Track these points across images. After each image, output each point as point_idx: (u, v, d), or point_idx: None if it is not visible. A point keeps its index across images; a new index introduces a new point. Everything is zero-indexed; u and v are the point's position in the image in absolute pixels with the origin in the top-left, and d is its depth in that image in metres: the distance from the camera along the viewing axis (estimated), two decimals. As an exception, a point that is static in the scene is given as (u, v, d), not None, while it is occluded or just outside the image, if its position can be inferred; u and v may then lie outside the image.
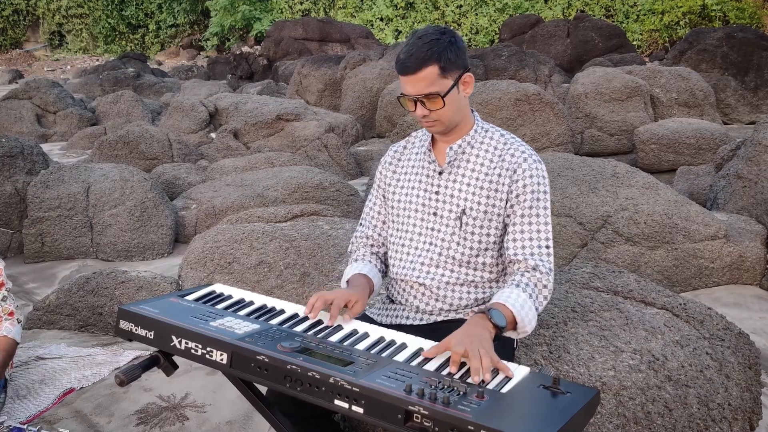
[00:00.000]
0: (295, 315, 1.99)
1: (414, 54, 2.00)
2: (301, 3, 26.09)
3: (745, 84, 10.95)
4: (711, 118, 9.10)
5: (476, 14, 23.23)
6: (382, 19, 24.34)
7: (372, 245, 2.35)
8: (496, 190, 2.11)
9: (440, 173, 2.18)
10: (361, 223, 2.39)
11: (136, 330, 1.89)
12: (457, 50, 2.04)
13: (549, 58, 12.68)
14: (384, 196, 2.32)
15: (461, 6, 23.53)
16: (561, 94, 9.99)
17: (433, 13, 23.84)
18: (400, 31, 23.79)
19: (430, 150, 2.20)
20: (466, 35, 22.85)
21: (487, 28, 22.75)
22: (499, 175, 2.11)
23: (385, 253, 2.36)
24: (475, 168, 2.14)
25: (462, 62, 2.06)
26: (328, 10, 25.79)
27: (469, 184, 2.13)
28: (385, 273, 2.36)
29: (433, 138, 2.22)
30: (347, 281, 2.23)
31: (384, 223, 2.34)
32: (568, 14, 21.98)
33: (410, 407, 1.49)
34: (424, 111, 2.05)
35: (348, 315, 1.99)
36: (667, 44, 20.29)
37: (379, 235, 2.34)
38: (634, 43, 19.98)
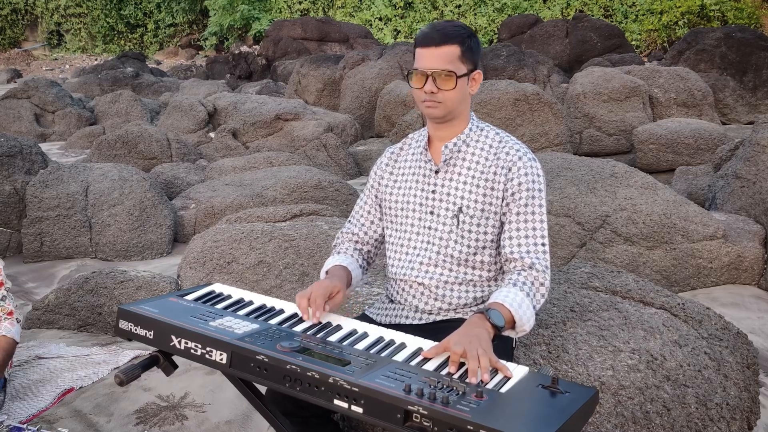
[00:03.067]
0: (295, 315, 1.99)
1: (440, 30, 2.07)
2: (300, 3, 26.08)
3: (744, 84, 10.97)
4: (709, 118, 9.11)
5: (475, 14, 23.24)
6: (380, 19, 24.34)
7: (357, 242, 2.36)
8: (492, 188, 2.12)
9: (436, 172, 2.18)
10: (349, 221, 2.40)
11: (135, 330, 1.90)
12: (477, 45, 2.11)
13: (548, 58, 12.68)
14: (376, 197, 2.33)
15: (460, 6, 23.54)
16: (560, 94, 9.99)
17: (432, 12, 23.85)
18: (399, 31, 23.80)
19: (426, 149, 2.21)
20: (465, 35, 22.79)
21: (485, 27, 22.75)
22: (495, 173, 2.12)
23: (369, 251, 2.37)
24: (470, 166, 2.14)
25: (477, 58, 2.12)
26: (326, 10, 25.78)
27: (465, 183, 2.14)
28: (366, 270, 2.37)
29: (429, 137, 2.23)
30: (326, 272, 2.23)
31: (372, 222, 2.35)
32: (567, 14, 21.99)
33: (409, 407, 1.50)
34: (433, 87, 2.06)
35: (328, 306, 1.99)
36: (665, 44, 20.31)
37: (365, 234, 2.36)
38: (633, 43, 20.00)
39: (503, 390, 1.62)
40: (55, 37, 31.28)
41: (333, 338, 1.85)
